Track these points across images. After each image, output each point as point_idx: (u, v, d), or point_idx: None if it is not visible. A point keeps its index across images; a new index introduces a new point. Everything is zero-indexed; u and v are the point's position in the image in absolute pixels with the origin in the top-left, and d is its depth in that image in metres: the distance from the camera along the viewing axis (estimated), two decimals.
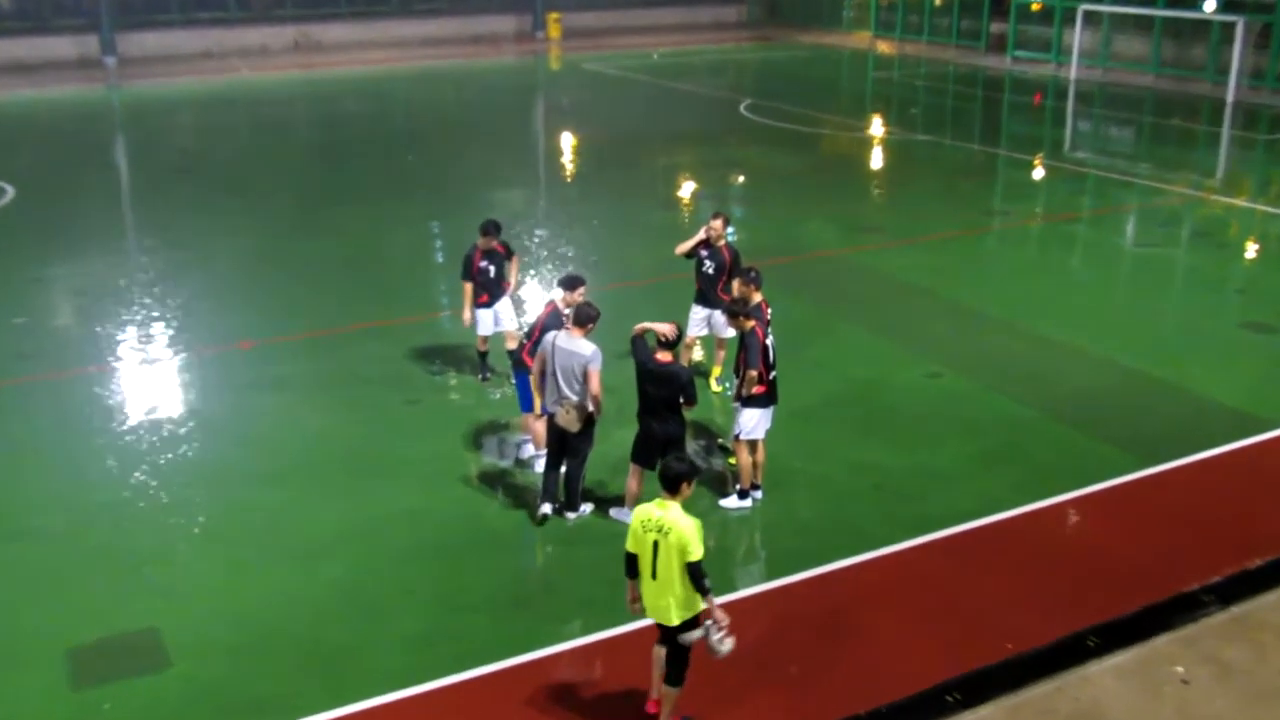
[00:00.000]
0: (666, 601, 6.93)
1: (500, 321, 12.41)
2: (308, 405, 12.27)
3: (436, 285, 16.60)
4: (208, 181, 23.35)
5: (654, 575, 6.92)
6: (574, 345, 9.41)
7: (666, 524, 6.83)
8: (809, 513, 10.01)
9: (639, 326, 9.51)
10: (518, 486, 10.42)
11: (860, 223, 19.88)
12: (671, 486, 6.94)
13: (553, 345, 9.49)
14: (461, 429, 11.53)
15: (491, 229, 12.14)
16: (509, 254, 12.40)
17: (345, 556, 9.31)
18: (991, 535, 9.64)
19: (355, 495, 10.30)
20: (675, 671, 7.18)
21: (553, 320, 9.92)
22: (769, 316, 10.18)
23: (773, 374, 9.78)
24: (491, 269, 12.18)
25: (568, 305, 9.98)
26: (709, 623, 7.01)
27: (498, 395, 12.36)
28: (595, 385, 9.34)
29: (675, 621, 6.98)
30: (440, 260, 17.94)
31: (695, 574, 6.79)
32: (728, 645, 7.01)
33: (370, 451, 11.15)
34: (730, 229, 12.25)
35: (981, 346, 13.84)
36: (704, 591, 6.88)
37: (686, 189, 22.87)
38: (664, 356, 9.25)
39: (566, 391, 9.41)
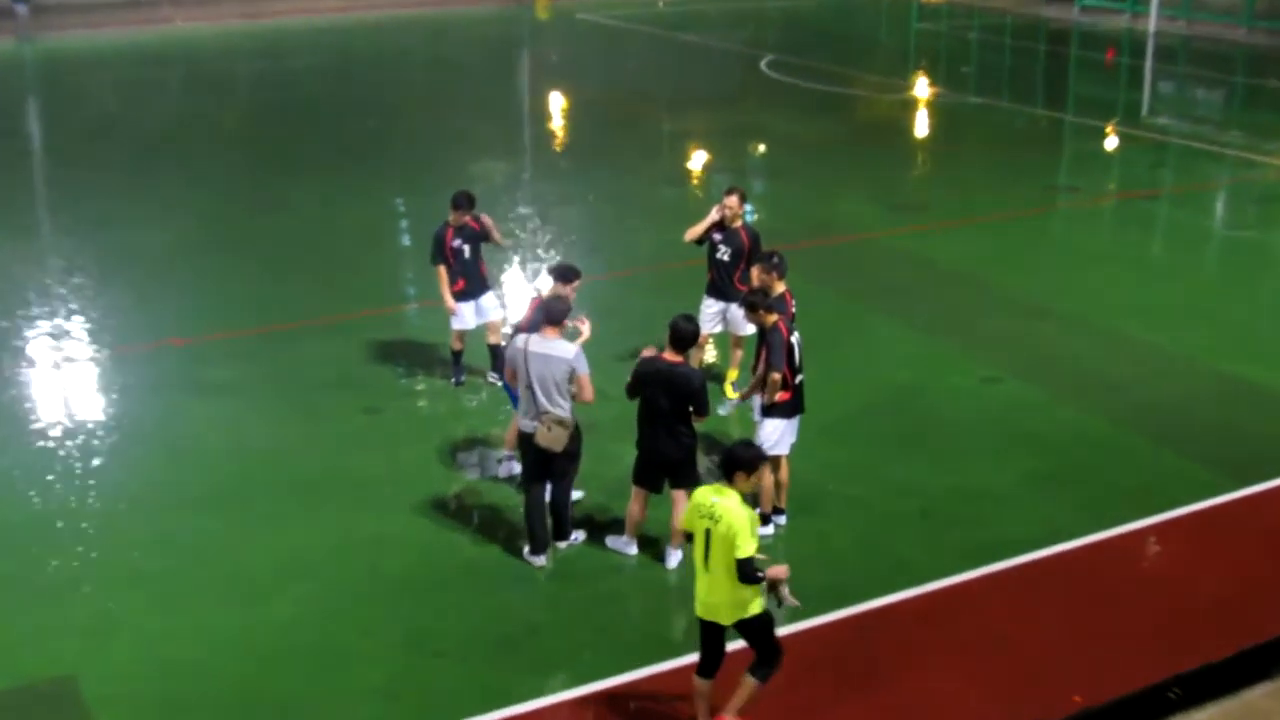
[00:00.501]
0: (716, 599, 7.30)
1: (483, 312, 12.38)
2: (250, 414, 12.26)
3: (402, 272, 16.60)
4: (135, 151, 23.33)
5: (706, 566, 7.30)
6: (551, 348, 9.27)
7: (719, 511, 7.23)
8: (842, 541, 10.00)
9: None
10: (497, 511, 10.40)
11: (901, 200, 19.88)
12: (727, 474, 7.36)
13: (524, 351, 9.30)
14: (431, 442, 11.51)
15: (464, 201, 12.13)
16: (485, 230, 12.33)
17: (295, 593, 9.29)
18: (1056, 568, 9.62)
19: (306, 521, 10.28)
20: (763, 655, 7.40)
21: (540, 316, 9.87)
22: (794, 310, 10.17)
23: (798, 378, 9.76)
24: (466, 249, 12.16)
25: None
26: (768, 584, 7.32)
27: (474, 402, 12.36)
28: (589, 393, 9.28)
29: (727, 622, 7.34)
30: (407, 243, 17.94)
31: (744, 571, 7.14)
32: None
33: (324, 469, 11.13)
34: (748, 207, 12.26)
35: (1044, 346, 13.83)
36: (758, 583, 7.21)
37: (697, 160, 22.87)
38: (672, 356, 9.21)
39: (546, 405, 9.26)
